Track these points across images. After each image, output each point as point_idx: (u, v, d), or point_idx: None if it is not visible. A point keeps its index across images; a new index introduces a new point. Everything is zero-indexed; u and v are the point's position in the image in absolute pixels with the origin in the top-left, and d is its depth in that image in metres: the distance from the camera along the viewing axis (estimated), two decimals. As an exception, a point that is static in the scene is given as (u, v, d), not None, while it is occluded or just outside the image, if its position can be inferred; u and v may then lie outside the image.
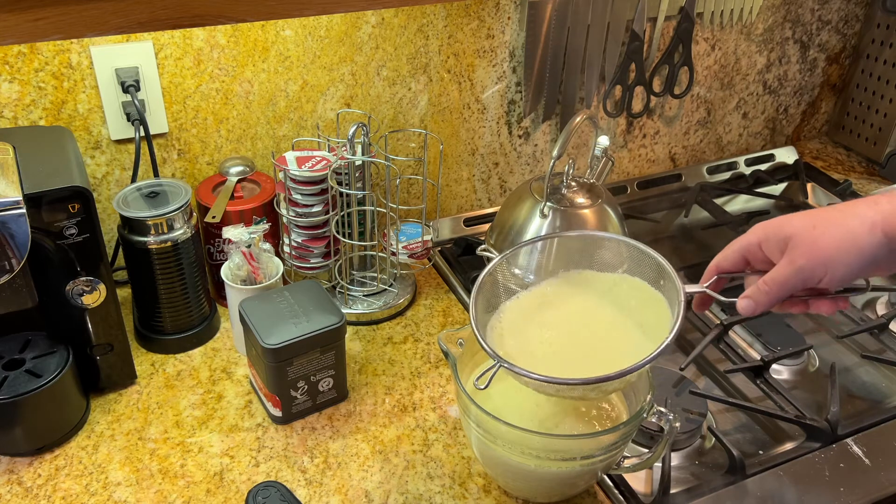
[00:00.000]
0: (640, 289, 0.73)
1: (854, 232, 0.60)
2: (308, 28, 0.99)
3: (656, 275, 0.71)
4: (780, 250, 0.63)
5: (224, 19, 0.60)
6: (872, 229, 0.60)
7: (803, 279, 0.62)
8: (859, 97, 1.46)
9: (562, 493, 0.77)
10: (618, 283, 0.74)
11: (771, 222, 0.65)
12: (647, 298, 0.72)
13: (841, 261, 0.60)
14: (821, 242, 0.61)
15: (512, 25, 1.12)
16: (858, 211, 0.61)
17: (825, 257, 0.60)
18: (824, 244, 0.60)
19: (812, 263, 0.61)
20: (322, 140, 1.03)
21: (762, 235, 0.65)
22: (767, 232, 0.65)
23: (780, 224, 0.64)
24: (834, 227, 0.61)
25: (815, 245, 0.61)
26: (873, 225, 0.60)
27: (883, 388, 0.96)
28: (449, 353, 0.75)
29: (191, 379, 0.91)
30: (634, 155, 1.36)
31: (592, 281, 0.76)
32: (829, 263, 0.60)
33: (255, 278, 0.91)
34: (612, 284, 0.75)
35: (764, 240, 0.65)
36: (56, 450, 0.81)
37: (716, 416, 0.90)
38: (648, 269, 0.72)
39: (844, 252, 0.60)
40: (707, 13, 1.25)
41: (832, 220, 0.61)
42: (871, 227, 0.60)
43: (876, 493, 0.79)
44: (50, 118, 0.92)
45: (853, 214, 0.61)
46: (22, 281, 0.76)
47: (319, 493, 0.78)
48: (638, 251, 0.73)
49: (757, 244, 0.66)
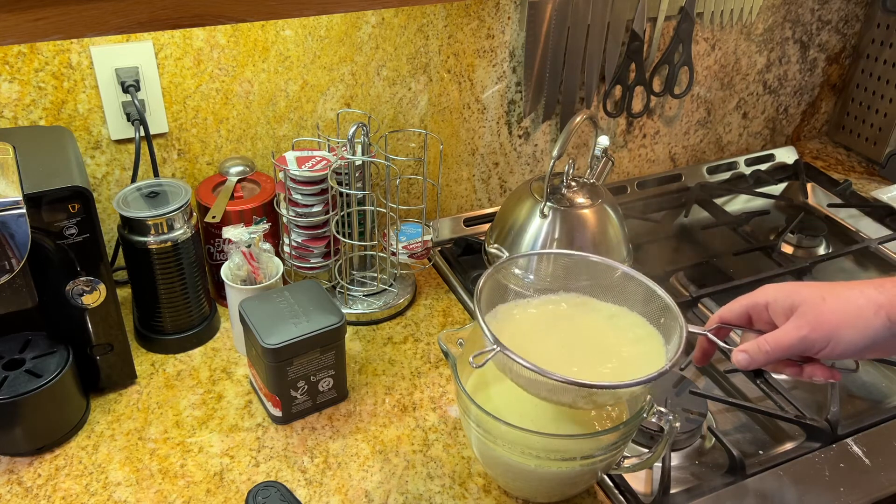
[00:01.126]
0: (639, 325, 0.75)
1: (861, 311, 0.62)
2: (308, 28, 0.99)
3: (660, 312, 0.73)
4: (786, 316, 0.66)
5: (224, 19, 0.60)
6: (878, 311, 0.62)
7: (805, 348, 0.64)
8: (859, 97, 1.46)
9: (562, 493, 0.77)
10: (617, 314, 0.76)
11: (781, 286, 0.68)
12: (646, 335, 0.74)
13: (844, 337, 0.63)
14: (828, 316, 0.63)
15: (512, 25, 1.12)
16: (866, 292, 0.63)
17: (830, 331, 0.63)
18: (831, 318, 0.63)
19: (816, 334, 0.63)
20: (322, 140, 1.03)
21: (771, 298, 0.67)
22: (777, 296, 0.67)
23: (791, 291, 0.66)
24: (842, 304, 0.63)
25: (821, 317, 0.63)
26: (879, 307, 0.62)
27: (883, 388, 0.96)
28: (449, 353, 0.75)
29: (191, 379, 0.91)
30: (634, 155, 1.36)
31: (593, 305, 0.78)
32: (832, 337, 0.63)
33: (255, 278, 0.91)
34: (612, 314, 0.76)
35: (772, 302, 0.67)
36: (56, 450, 0.81)
37: (716, 416, 0.90)
38: (654, 306, 0.74)
39: (849, 329, 0.62)
40: (707, 13, 1.25)
41: (841, 297, 0.64)
42: (876, 310, 0.62)
43: (876, 493, 0.79)
44: (50, 118, 0.92)
45: (861, 295, 0.63)
46: (22, 281, 0.76)
47: (319, 493, 0.78)
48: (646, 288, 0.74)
49: (764, 305, 0.68)
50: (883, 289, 0.63)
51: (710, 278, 1.10)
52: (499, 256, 0.77)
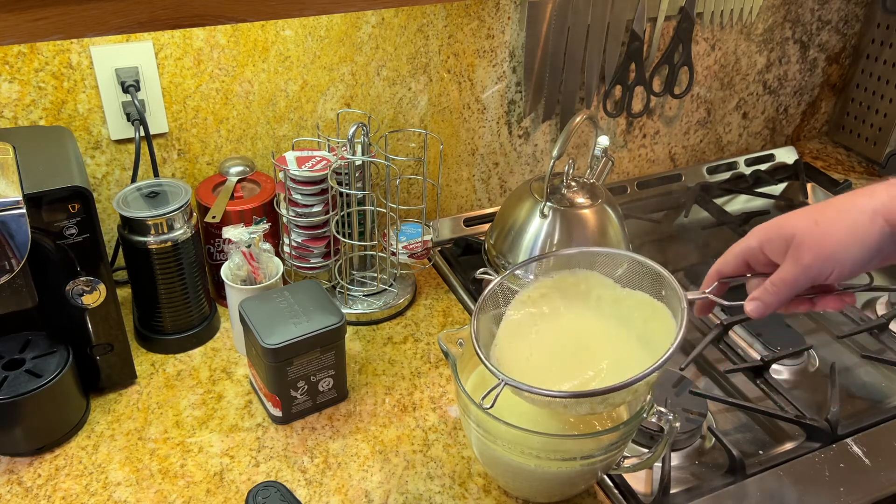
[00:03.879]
0: (645, 303, 0.72)
1: (857, 224, 0.60)
2: (308, 28, 0.99)
3: (656, 284, 0.71)
4: (784, 251, 0.63)
5: (224, 19, 0.60)
6: (874, 219, 0.59)
7: (812, 277, 0.61)
8: (859, 97, 1.46)
9: (562, 493, 0.77)
10: (622, 298, 0.74)
11: (770, 223, 0.65)
12: (652, 312, 0.71)
13: (847, 254, 0.60)
14: (825, 239, 0.60)
15: (512, 25, 1.12)
16: (858, 203, 0.61)
17: (831, 253, 0.60)
18: (829, 240, 0.60)
19: (819, 261, 0.60)
20: (322, 140, 1.03)
21: (763, 237, 0.65)
22: (769, 233, 0.64)
23: (781, 224, 0.64)
24: (836, 222, 0.60)
25: (819, 242, 0.60)
26: (874, 214, 0.59)
27: (883, 388, 0.96)
28: (449, 353, 0.75)
29: (191, 379, 0.91)
30: (634, 155, 1.36)
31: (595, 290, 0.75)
32: (836, 258, 0.60)
33: (255, 278, 0.91)
34: (616, 299, 0.74)
35: (766, 241, 0.64)
36: (56, 450, 0.81)
37: (716, 416, 0.90)
38: (647, 280, 0.72)
39: (850, 245, 0.60)
40: (707, 13, 1.25)
41: (833, 215, 0.61)
42: (871, 217, 0.59)
43: (876, 493, 0.79)
44: (50, 118, 0.92)
45: (853, 207, 0.61)
46: (22, 281, 0.76)
47: (319, 493, 0.78)
48: (635, 262, 0.73)
49: (758, 247, 0.65)
50: (875, 195, 0.60)
51: (710, 278, 1.10)
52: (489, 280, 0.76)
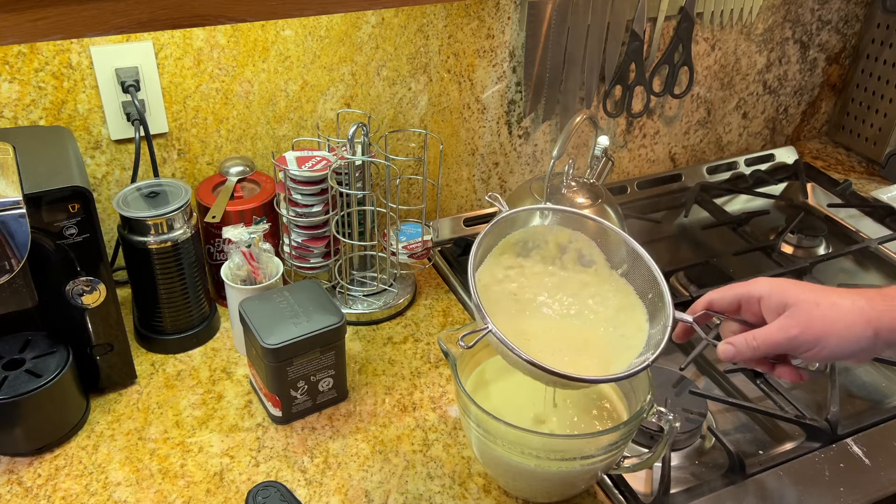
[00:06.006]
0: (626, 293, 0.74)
1: (851, 321, 0.64)
2: (308, 28, 0.99)
3: (647, 286, 0.72)
4: (777, 312, 0.67)
5: (224, 19, 0.60)
6: (867, 326, 0.64)
7: (792, 347, 0.66)
8: (859, 97, 1.46)
9: (562, 493, 0.77)
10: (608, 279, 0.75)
11: (777, 283, 0.68)
12: (629, 304, 0.73)
13: (831, 343, 0.64)
14: (819, 321, 0.65)
15: (512, 25, 1.12)
16: (858, 303, 0.65)
17: (819, 335, 0.64)
18: (822, 323, 0.64)
19: (805, 337, 0.65)
20: (322, 140, 1.03)
21: (765, 292, 0.68)
22: (772, 291, 0.67)
23: (785, 290, 0.67)
24: (835, 311, 0.65)
25: (813, 321, 0.65)
26: (868, 322, 0.64)
27: (883, 388, 0.96)
28: (449, 353, 0.75)
29: (191, 379, 0.91)
30: (634, 155, 1.36)
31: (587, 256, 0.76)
32: (820, 342, 0.65)
33: (255, 278, 0.91)
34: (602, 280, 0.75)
35: (766, 297, 0.67)
36: (56, 450, 0.81)
37: (716, 416, 0.90)
38: (640, 279, 0.73)
39: (837, 336, 0.64)
40: (707, 13, 1.25)
41: (834, 305, 0.65)
42: (865, 324, 0.64)
43: (876, 493, 0.79)
44: (50, 118, 0.92)
45: (853, 306, 0.65)
46: (22, 281, 0.76)
47: (319, 493, 0.78)
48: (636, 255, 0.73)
49: (757, 298, 0.68)
50: (873, 303, 0.65)
51: (710, 278, 1.10)
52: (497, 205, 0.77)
